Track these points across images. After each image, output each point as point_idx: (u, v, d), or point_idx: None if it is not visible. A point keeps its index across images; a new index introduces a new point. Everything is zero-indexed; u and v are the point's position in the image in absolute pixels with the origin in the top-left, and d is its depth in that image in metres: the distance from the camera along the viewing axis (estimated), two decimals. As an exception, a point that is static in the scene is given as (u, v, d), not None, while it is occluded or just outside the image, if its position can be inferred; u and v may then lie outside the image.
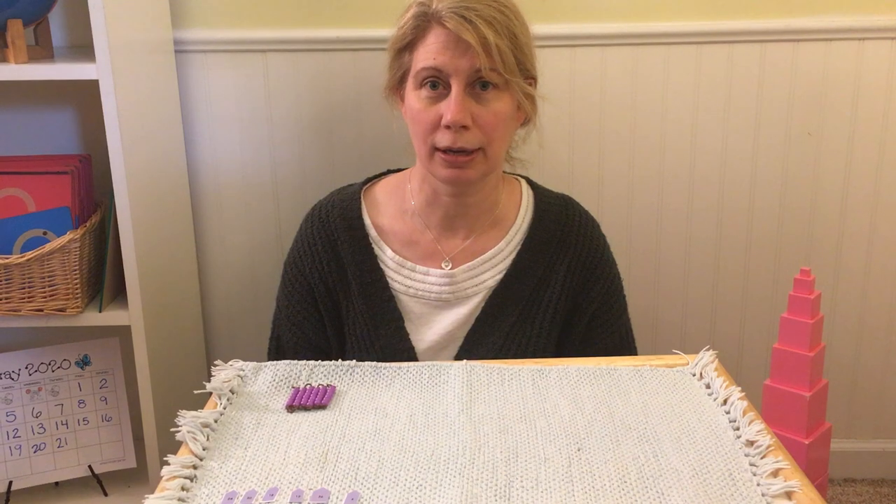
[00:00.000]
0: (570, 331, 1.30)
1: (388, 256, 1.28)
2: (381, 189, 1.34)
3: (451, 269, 1.27)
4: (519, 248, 1.28)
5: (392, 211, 1.31)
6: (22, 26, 1.42)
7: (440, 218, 1.28)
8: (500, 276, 1.27)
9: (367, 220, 1.30)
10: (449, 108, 1.15)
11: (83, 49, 1.60)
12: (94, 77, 1.38)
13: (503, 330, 1.27)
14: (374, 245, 1.29)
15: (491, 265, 1.28)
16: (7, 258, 1.44)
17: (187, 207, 1.76)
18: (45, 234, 1.48)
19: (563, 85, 1.72)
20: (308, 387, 1.04)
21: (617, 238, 1.81)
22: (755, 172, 1.77)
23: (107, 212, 1.56)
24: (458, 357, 1.26)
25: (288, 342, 1.33)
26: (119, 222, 1.46)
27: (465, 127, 1.16)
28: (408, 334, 1.27)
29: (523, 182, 1.36)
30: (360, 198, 1.32)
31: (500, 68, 1.15)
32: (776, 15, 1.68)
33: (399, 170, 1.38)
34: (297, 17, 1.69)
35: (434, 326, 1.28)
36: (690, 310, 1.86)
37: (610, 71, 1.71)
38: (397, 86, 1.24)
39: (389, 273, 1.28)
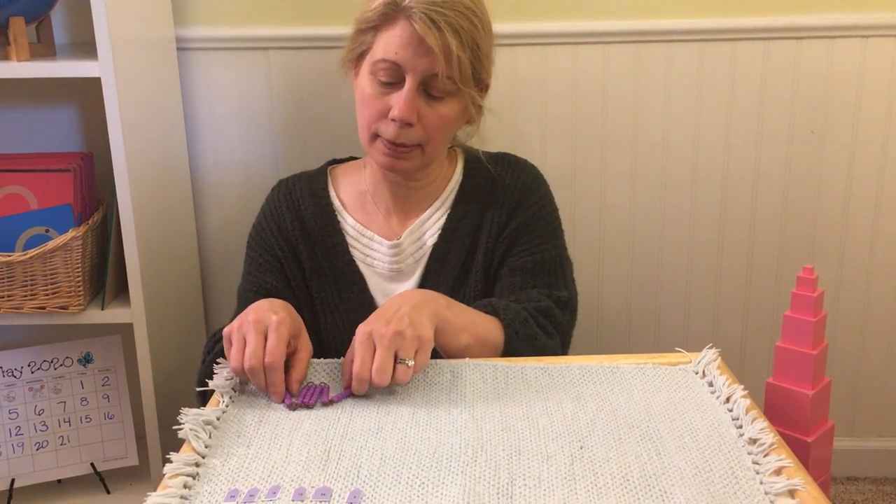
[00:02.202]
0: (494, 259, 1.31)
1: (349, 224, 1.33)
2: (343, 170, 1.40)
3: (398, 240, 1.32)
4: (452, 204, 1.33)
5: (351, 190, 1.36)
6: (24, 24, 1.42)
7: (390, 199, 1.33)
8: (438, 233, 1.32)
9: (332, 192, 1.36)
10: (398, 104, 1.18)
11: (85, 46, 1.60)
12: (96, 74, 1.38)
13: (448, 285, 1.30)
14: (336, 213, 1.34)
15: (429, 225, 1.32)
16: (9, 256, 1.44)
17: (189, 205, 1.76)
18: (47, 231, 1.48)
19: (565, 83, 1.71)
20: (310, 385, 1.04)
21: (619, 236, 1.81)
22: (758, 170, 1.77)
23: (109, 209, 1.56)
24: None
25: (246, 295, 1.32)
26: (121, 220, 1.46)
27: (409, 124, 1.19)
28: (372, 297, 1.31)
29: (458, 149, 1.39)
30: (326, 173, 1.38)
31: (455, 78, 1.18)
32: (779, 12, 1.67)
33: None
34: (299, 15, 1.69)
35: (390, 295, 1.30)
36: (693, 308, 1.86)
37: (612, 69, 1.71)
38: (355, 60, 1.27)
39: (350, 240, 1.33)
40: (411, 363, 1.00)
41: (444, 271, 1.31)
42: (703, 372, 1.06)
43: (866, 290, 1.84)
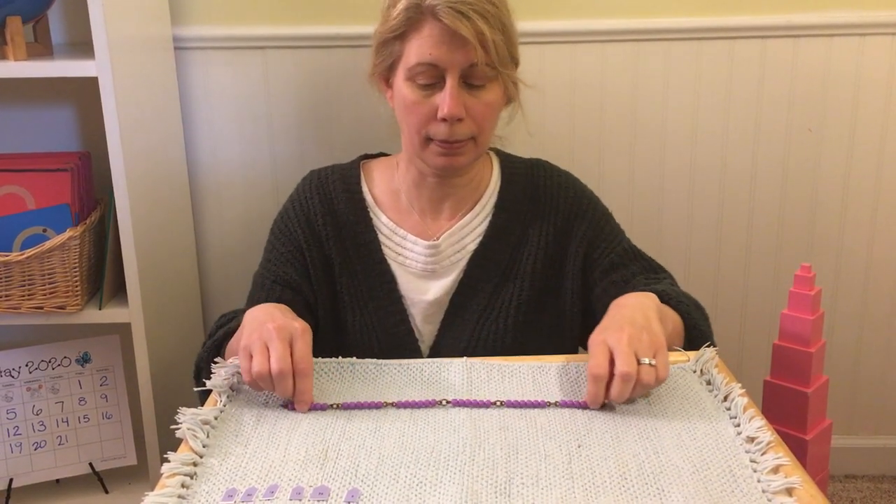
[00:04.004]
0: (565, 270, 1.31)
1: (382, 222, 1.32)
2: (377, 166, 1.37)
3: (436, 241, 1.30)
4: (493, 210, 1.32)
5: (384, 188, 1.34)
6: (21, 23, 1.42)
7: (426, 200, 1.31)
8: (479, 239, 1.31)
9: (365, 188, 1.34)
10: (445, 102, 1.17)
11: (82, 46, 1.60)
12: (93, 74, 1.38)
13: (487, 291, 1.29)
14: (369, 209, 1.32)
15: (470, 229, 1.31)
16: (7, 256, 1.44)
17: (187, 204, 1.76)
18: (44, 231, 1.48)
19: (563, 82, 1.71)
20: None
21: (617, 235, 1.81)
22: (756, 169, 1.77)
23: (106, 209, 1.56)
24: (444, 320, 1.29)
25: (262, 282, 1.30)
26: (119, 219, 1.46)
27: (459, 119, 1.19)
28: (401, 297, 1.29)
29: (492, 152, 1.39)
30: (359, 167, 1.36)
31: (494, 62, 1.17)
32: (777, 11, 1.67)
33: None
34: (297, 14, 1.69)
35: (423, 295, 1.30)
36: (691, 306, 1.85)
37: (610, 68, 1.71)
38: (386, 73, 1.25)
39: (382, 238, 1.31)
40: (653, 362, 0.97)
41: (484, 277, 1.29)
42: (701, 370, 1.06)
43: (864, 288, 1.84)
